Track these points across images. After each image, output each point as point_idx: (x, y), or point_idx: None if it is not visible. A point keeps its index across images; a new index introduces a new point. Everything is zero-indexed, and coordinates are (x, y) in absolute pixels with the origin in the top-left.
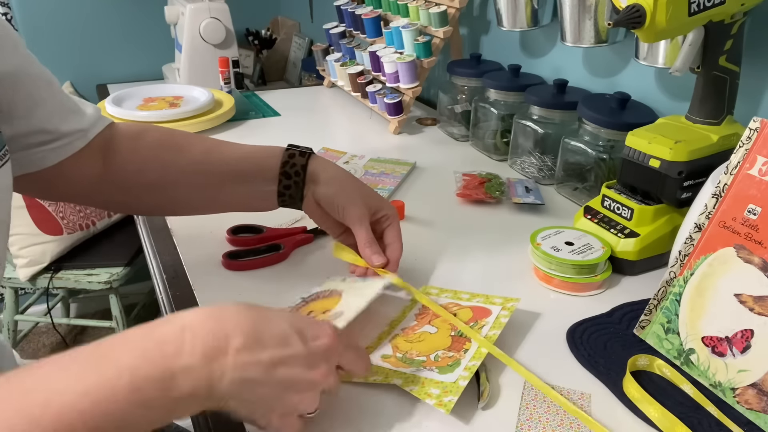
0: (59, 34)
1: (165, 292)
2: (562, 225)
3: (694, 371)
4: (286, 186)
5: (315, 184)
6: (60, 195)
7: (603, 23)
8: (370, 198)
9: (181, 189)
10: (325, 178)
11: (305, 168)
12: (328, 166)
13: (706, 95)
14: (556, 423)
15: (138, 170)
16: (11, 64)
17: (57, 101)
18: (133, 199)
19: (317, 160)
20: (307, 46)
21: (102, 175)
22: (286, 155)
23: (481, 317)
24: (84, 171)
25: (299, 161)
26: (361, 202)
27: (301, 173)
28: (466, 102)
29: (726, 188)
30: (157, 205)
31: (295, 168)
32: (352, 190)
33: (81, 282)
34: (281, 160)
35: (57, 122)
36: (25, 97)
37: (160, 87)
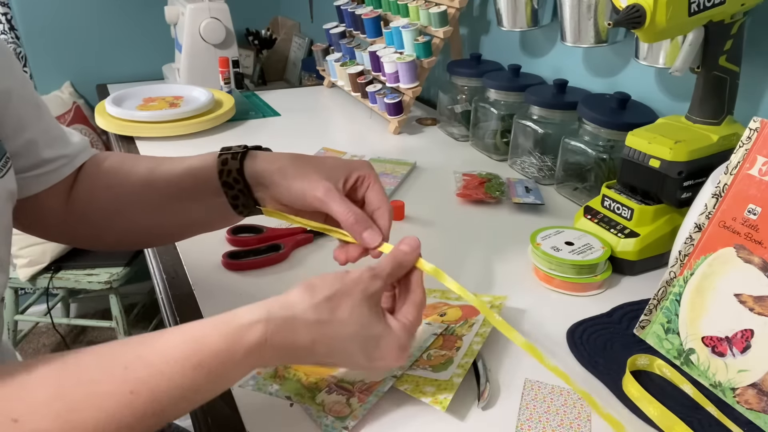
0: (59, 34)
1: (165, 292)
2: (562, 225)
3: (694, 371)
4: (234, 197)
5: (263, 187)
6: (30, 227)
7: (603, 23)
8: (330, 168)
9: (135, 214)
10: (270, 175)
11: (241, 172)
12: (268, 161)
13: (706, 95)
14: (556, 423)
15: (90, 198)
16: (5, 83)
17: (44, 126)
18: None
19: (254, 158)
20: (307, 46)
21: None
22: (219, 163)
23: (470, 316)
24: (54, 203)
25: (233, 166)
26: (318, 177)
27: (240, 179)
28: (466, 102)
29: (726, 188)
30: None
31: (232, 175)
32: (304, 170)
33: (81, 282)
34: (217, 169)
35: (41, 148)
36: (14, 118)
37: (160, 87)
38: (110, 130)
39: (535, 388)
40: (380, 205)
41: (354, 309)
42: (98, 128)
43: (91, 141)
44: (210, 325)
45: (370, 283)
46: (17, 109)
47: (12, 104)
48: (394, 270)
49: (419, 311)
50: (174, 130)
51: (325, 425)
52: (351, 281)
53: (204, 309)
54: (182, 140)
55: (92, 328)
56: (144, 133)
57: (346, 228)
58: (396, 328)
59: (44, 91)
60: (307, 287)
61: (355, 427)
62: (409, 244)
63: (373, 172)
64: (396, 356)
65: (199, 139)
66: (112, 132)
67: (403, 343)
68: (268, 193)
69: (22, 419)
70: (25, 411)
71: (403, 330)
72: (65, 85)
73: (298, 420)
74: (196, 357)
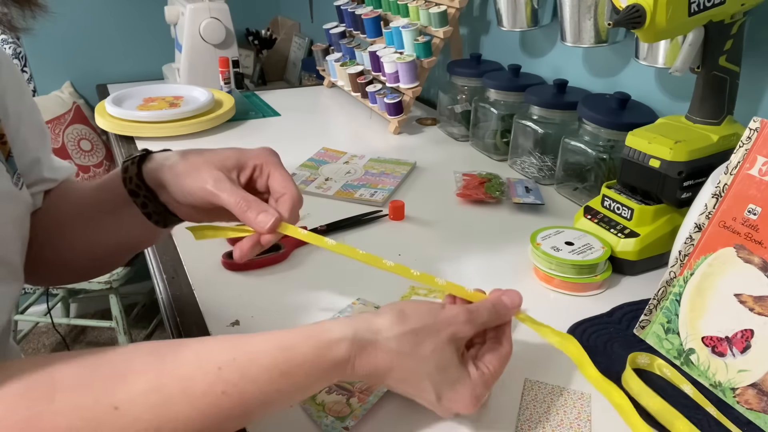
0: (59, 34)
1: (165, 292)
2: (562, 225)
3: (694, 371)
4: (142, 205)
5: (162, 189)
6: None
7: (603, 23)
8: (220, 159)
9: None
10: (163, 174)
11: (140, 176)
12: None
13: (706, 95)
14: (556, 423)
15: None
16: (16, 108)
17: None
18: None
19: (151, 161)
20: (307, 46)
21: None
22: (122, 170)
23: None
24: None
25: (132, 171)
26: (208, 168)
27: (142, 185)
28: (466, 102)
29: (726, 188)
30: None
31: (134, 181)
32: (194, 164)
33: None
34: (121, 177)
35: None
36: (21, 141)
37: (160, 87)
38: (110, 130)
39: (535, 388)
40: (284, 191)
41: (436, 348)
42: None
43: (92, 141)
44: (300, 336)
45: (462, 327)
46: (24, 134)
47: (21, 128)
48: (490, 320)
49: (502, 364)
50: (174, 130)
51: (325, 425)
52: (443, 320)
53: (204, 309)
54: (182, 140)
55: (92, 328)
56: (144, 133)
57: (239, 217)
58: (474, 377)
59: (44, 91)
60: (397, 315)
61: (355, 427)
62: (512, 299)
63: (273, 158)
64: (467, 404)
65: (199, 139)
66: (112, 132)
67: (478, 392)
68: (168, 195)
69: (122, 408)
70: (125, 399)
71: (480, 379)
72: (65, 85)
73: (298, 420)
74: (285, 365)
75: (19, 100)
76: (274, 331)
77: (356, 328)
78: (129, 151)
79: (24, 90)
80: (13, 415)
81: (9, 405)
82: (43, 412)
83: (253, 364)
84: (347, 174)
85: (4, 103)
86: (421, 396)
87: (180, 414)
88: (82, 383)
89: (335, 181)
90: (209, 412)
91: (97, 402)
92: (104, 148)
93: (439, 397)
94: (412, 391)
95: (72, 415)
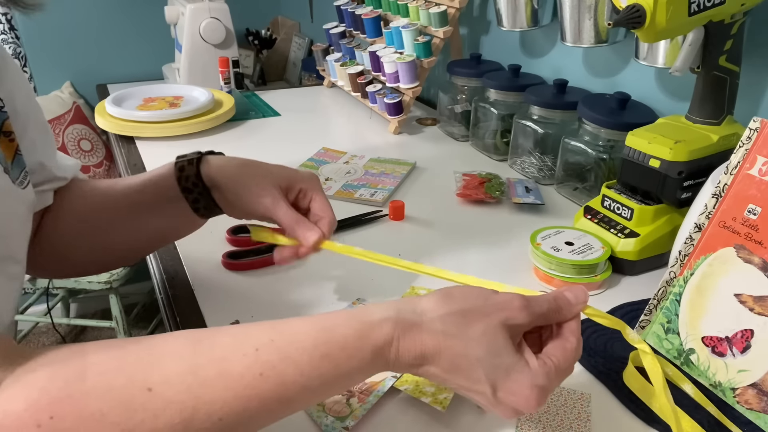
0: (59, 34)
1: (165, 292)
2: (562, 225)
3: (694, 371)
4: (194, 200)
5: (218, 190)
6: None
7: (603, 23)
8: (275, 178)
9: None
10: (224, 180)
11: (199, 176)
12: (221, 166)
13: (706, 95)
14: (556, 423)
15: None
16: (24, 107)
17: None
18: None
19: (208, 163)
20: (307, 46)
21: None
22: (176, 170)
23: None
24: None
25: (190, 171)
26: (265, 187)
27: (199, 183)
28: (466, 102)
29: (726, 188)
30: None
31: (191, 180)
32: (252, 180)
33: (81, 282)
34: (175, 176)
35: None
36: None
37: (160, 87)
38: (110, 130)
39: None
40: (323, 215)
41: (487, 331)
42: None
43: (92, 141)
44: (341, 317)
45: (517, 313)
46: (31, 134)
47: (29, 128)
48: (550, 313)
49: (567, 358)
50: (174, 130)
51: (325, 425)
52: (494, 304)
53: (204, 309)
54: (182, 140)
55: (92, 328)
56: (144, 133)
57: (289, 232)
58: (534, 366)
59: (44, 91)
60: (443, 296)
61: (355, 427)
62: (577, 295)
63: (317, 185)
64: (528, 395)
65: (199, 139)
66: (112, 132)
67: (541, 383)
68: (224, 196)
69: (156, 389)
70: (159, 381)
71: (542, 368)
72: (65, 85)
73: (298, 420)
74: (326, 347)
75: (26, 99)
76: (315, 315)
77: (399, 308)
78: (129, 151)
79: (29, 91)
80: (46, 396)
81: (41, 386)
82: (74, 394)
83: (292, 345)
84: (347, 174)
85: (13, 102)
86: (475, 389)
87: (216, 396)
88: (114, 365)
89: (335, 181)
90: (246, 395)
91: (131, 383)
92: (104, 148)
93: (494, 389)
94: (464, 383)
95: (104, 396)
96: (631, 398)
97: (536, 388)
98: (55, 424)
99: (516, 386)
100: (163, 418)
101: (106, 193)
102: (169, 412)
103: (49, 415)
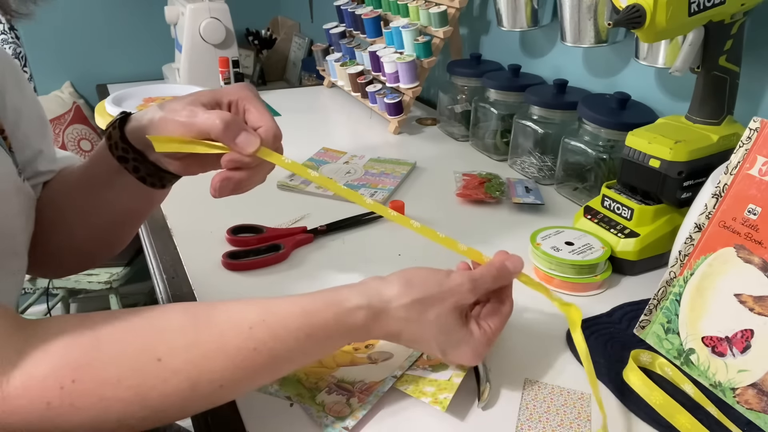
0: (59, 34)
1: (165, 292)
2: (562, 225)
3: (694, 371)
4: (135, 169)
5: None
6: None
7: (603, 23)
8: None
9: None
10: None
11: (125, 138)
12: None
13: (706, 95)
14: (556, 423)
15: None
16: (17, 102)
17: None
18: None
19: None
20: (307, 46)
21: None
22: (106, 140)
23: None
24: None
25: (115, 136)
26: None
27: (129, 148)
28: (466, 102)
29: (726, 188)
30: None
31: (120, 146)
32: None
33: (81, 282)
34: (107, 146)
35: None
36: (21, 135)
37: (160, 87)
38: None
39: (535, 388)
40: (261, 123)
41: (440, 315)
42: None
43: (92, 141)
44: (321, 302)
45: (466, 296)
46: (24, 128)
47: (22, 123)
48: (494, 285)
49: (503, 322)
50: None
51: (325, 425)
52: (448, 290)
53: None
54: None
55: None
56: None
57: (218, 138)
58: (477, 335)
59: (44, 91)
60: (405, 283)
61: (355, 427)
62: (515, 264)
63: (248, 93)
64: (470, 358)
65: None
66: None
67: (480, 350)
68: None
69: (164, 359)
70: (166, 352)
71: (483, 337)
72: (65, 85)
73: (298, 420)
74: (309, 328)
75: (19, 95)
76: (298, 296)
77: (369, 297)
78: None
79: (24, 85)
80: (66, 362)
81: (60, 354)
82: (93, 362)
83: (280, 326)
84: (347, 174)
85: (3, 99)
86: (430, 352)
87: (216, 367)
88: (125, 336)
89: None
90: (243, 365)
91: (143, 352)
92: None
93: (444, 354)
94: (421, 349)
95: (121, 364)
96: (632, 398)
97: (477, 353)
98: (77, 387)
99: (461, 353)
100: (172, 383)
101: (69, 176)
102: (178, 378)
103: (71, 379)
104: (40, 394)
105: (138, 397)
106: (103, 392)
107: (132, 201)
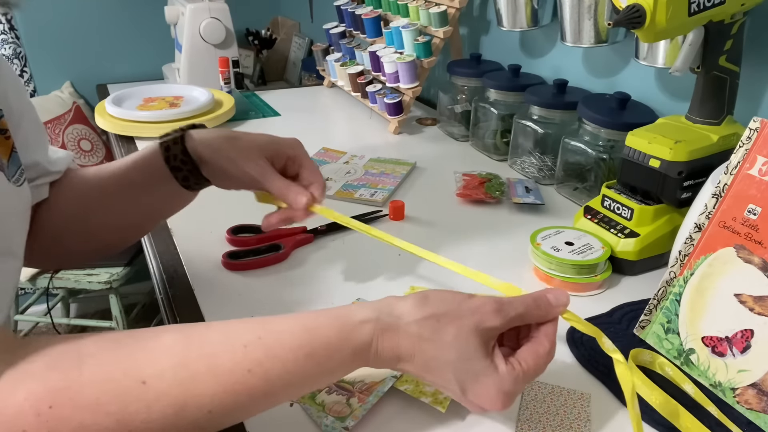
0: (59, 34)
1: (165, 292)
2: (562, 225)
3: (694, 371)
4: (184, 178)
5: (206, 165)
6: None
7: (603, 23)
8: (260, 148)
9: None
10: (210, 154)
11: (187, 153)
12: (206, 140)
13: (706, 95)
14: (556, 423)
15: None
16: (18, 105)
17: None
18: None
19: (193, 138)
20: (307, 46)
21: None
22: (163, 151)
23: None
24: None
25: (176, 150)
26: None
27: (188, 160)
28: (466, 102)
29: (726, 188)
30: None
31: (179, 158)
32: (238, 152)
33: (81, 282)
34: (162, 157)
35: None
36: (23, 137)
37: (160, 87)
38: (110, 130)
39: (535, 388)
40: (313, 180)
41: (459, 336)
42: (98, 128)
43: (92, 141)
44: (325, 318)
45: (490, 317)
46: (25, 131)
47: (22, 125)
48: (528, 314)
49: (538, 363)
50: None
51: (325, 425)
52: (468, 308)
53: (204, 309)
54: None
55: (92, 328)
56: (144, 133)
57: (280, 197)
58: (503, 371)
59: (44, 91)
60: (420, 300)
61: (355, 427)
62: (558, 297)
63: (303, 151)
64: (493, 399)
65: None
66: (112, 132)
67: (507, 388)
68: (210, 169)
69: (149, 382)
70: (152, 374)
71: (510, 374)
72: (65, 85)
73: (298, 420)
74: (310, 347)
75: (19, 97)
76: (299, 313)
77: (379, 310)
78: (129, 151)
79: (22, 88)
80: (44, 387)
81: (39, 377)
82: (72, 385)
83: (278, 343)
84: (347, 174)
85: (8, 100)
86: (445, 387)
87: (206, 390)
88: (109, 357)
89: (335, 181)
90: (235, 389)
91: (126, 376)
92: (104, 148)
93: (463, 390)
94: (435, 381)
95: (101, 387)
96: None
97: (502, 392)
98: (54, 413)
99: (483, 390)
100: (156, 409)
101: (94, 178)
102: (162, 403)
103: (48, 405)
104: (14, 421)
105: (119, 424)
106: (82, 419)
107: (166, 202)
